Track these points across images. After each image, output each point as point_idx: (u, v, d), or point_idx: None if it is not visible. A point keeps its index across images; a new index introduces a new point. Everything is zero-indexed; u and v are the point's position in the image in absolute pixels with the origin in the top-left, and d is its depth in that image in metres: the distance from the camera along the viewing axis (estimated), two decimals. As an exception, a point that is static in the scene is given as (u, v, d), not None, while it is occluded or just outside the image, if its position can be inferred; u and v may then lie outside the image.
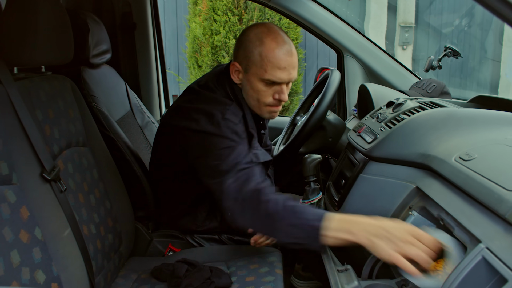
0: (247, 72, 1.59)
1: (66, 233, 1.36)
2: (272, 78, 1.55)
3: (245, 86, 1.62)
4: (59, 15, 1.55)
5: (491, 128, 1.36)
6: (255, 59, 1.55)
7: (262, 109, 1.65)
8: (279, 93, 1.59)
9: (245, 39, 1.59)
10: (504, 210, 0.92)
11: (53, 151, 1.45)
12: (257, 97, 1.61)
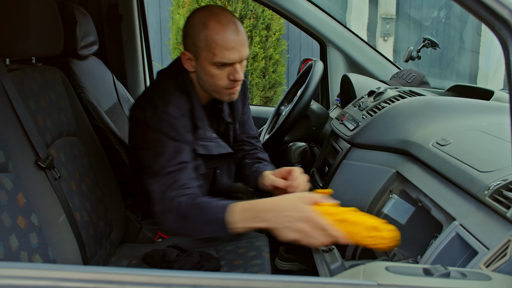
0: (198, 58, 1.55)
1: (61, 219, 1.40)
2: (223, 60, 1.50)
3: (199, 73, 1.59)
4: (49, 7, 1.58)
5: (466, 115, 1.44)
6: (202, 44, 1.51)
7: (220, 92, 1.61)
8: (233, 74, 1.54)
9: (190, 26, 1.55)
10: (476, 190, 0.99)
11: (46, 140, 1.48)
12: (212, 81, 1.57)
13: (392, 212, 1.30)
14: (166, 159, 1.52)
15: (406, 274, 0.75)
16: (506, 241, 0.84)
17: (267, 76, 5.14)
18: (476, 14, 0.73)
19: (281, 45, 5.22)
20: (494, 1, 0.70)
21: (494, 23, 0.72)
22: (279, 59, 5.22)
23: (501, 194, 0.93)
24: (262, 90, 5.13)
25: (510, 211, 0.87)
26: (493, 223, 0.92)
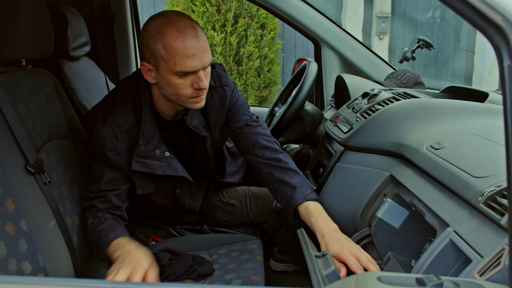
0: (158, 69, 1.45)
1: (51, 225, 1.39)
2: (184, 68, 1.42)
3: (161, 83, 1.49)
4: (39, 8, 1.56)
5: (460, 118, 1.42)
6: (161, 54, 1.41)
7: (185, 102, 1.52)
8: (197, 82, 1.46)
9: (147, 36, 1.44)
10: (470, 196, 0.98)
11: (36, 144, 1.46)
12: (176, 91, 1.48)
13: (386, 216, 1.29)
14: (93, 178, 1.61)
15: (399, 284, 0.73)
16: (500, 250, 0.82)
17: (262, 76, 5.12)
18: (470, 20, 0.71)
19: (276, 44, 5.21)
20: (488, 7, 0.69)
21: (487, 30, 0.70)
22: (274, 58, 5.20)
23: (495, 201, 0.92)
24: (257, 90, 5.11)
25: (504, 218, 0.86)
26: (487, 230, 0.90)
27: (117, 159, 1.58)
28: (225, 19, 4.93)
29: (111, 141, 1.55)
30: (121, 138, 1.56)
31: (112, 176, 1.60)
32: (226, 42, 4.94)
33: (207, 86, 1.51)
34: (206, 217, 1.97)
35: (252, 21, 4.99)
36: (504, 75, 0.70)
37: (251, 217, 2.01)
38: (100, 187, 1.59)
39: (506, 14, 0.69)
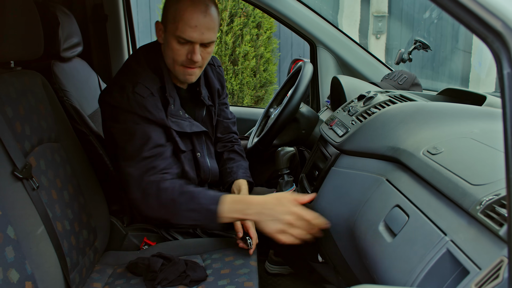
0: (165, 30, 1.61)
1: (39, 231, 1.35)
2: (183, 35, 1.55)
3: (164, 45, 1.64)
4: (27, 9, 1.53)
5: (458, 122, 1.40)
6: (170, 16, 1.56)
7: (176, 69, 1.65)
8: (191, 53, 1.58)
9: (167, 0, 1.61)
10: (467, 204, 0.95)
11: (25, 148, 1.43)
12: (172, 55, 1.61)
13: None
14: (141, 142, 1.58)
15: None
16: (499, 262, 0.80)
17: (258, 75, 5.09)
18: (468, 26, 0.69)
19: (272, 44, 5.18)
20: (487, 12, 0.66)
21: (487, 36, 0.68)
22: (270, 57, 5.17)
23: (493, 210, 0.89)
24: (253, 89, 5.09)
25: (502, 229, 0.83)
26: (485, 240, 0.88)
27: (160, 114, 1.63)
28: (221, 18, 4.90)
29: (150, 98, 1.61)
30: (156, 96, 1.64)
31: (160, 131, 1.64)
32: (221, 41, 4.91)
33: (198, 60, 1.61)
34: None
35: (248, 20, 4.96)
36: (504, 82, 0.67)
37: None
38: (156, 142, 1.60)
39: (506, 20, 0.66)
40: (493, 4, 0.66)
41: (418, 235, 1.08)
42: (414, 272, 0.99)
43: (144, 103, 1.60)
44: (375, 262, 1.20)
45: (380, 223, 1.25)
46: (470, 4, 0.67)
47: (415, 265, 1.01)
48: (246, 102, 5.05)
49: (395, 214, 1.21)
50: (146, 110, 1.60)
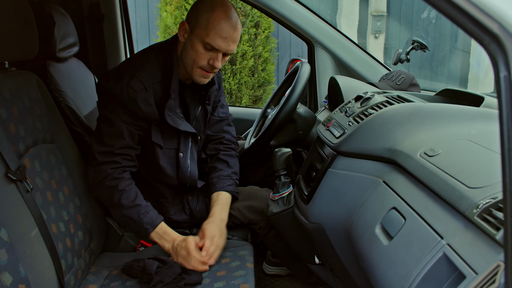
0: (192, 32, 1.70)
1: (33, 233, 1.34)
2: (212, 43, 1.67)
3: (187, 45, 1.73)
4: (22, 9, 1.52)
5: (455, 123, 1.39)
6: (202, 22, 1.67)
7: (194, 70, 1.75)
8: (213, 60, 1.71)
9: (200, 4, 1.71)
10: (464, 207, 0.94)
11: (19, 149, 1.42)
12: (194, 57, 1.71)
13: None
14: (117, 137, 1.71)
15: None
16: (496, 266, 0.79)
17: (256, 75, 5.08)
18: (465, 29, 0.67)
19: (270, 43, 5.16)
20: (484, 15, 0.65)
21: (483, 38, 0.67)
22: (268, 57, 5.15)
23: (490, 214, 0.88)
24: (251, 89, 5.07)
25: (499, 233, 0.82)
26: (482, 244, 0.87)
27: (148, 110, 1.72)
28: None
29: (142, 93, 1.70)
30: (150, 91, 1.73)
31: (134, 133, 1.74)
32: (220, 41, 4.89)
33: (219, 67, 1.76)
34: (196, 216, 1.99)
35: (246, 19, 4.95)
36: (500, 85, 0.66)
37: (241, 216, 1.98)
38: (127, 142, 1.73)
39: (503, 22, 0.65)
40: (490, 6, 0.65)
41: (415, 238, 1.07)
42: (410, 276, 0.98)
43: (135, 97, 1.69)
44: (372, 265, 1.20)
45: (377, 226, 1.24)
46: (466, 6, 0.66)
47: (411, 269, 1.00)
48: (244, 101, 5.03)
49: (392, 217, 1.20)
50: (135, 105, 1.70)
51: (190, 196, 1.98)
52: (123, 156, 1.75)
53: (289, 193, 1.83)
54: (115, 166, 1.73)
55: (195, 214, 1.96)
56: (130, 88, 1.69)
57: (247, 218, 1.99)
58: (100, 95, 1.78)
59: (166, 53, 1.79)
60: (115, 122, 1.71)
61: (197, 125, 1.96)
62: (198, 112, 1.95)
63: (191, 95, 1.92)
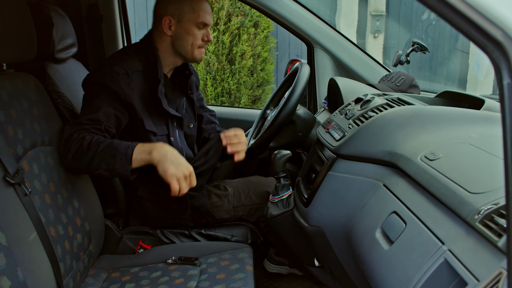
0: (181, 21, 1.86)
1: (32, 237, 1.34)
2: (205, 20, 1.87)
3: (180, 34, 1.88)
4: (19, 10, 1.51)
5: (456, 126, 1.38)
6: (187, 8, 1.85)
7: (194, 51, 1.91)
8: (207, 35, 1.91)
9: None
10: (465, 213, 0.94)
11: (17, 152, 1.41)
12: (192, 40, 1.88)
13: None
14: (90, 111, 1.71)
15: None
16: (497, 274, 0.78)
17: (255, 75, 5.06)
18: (467, 35, 0.67)
19: (269, 43, 5.14)
20: (487, 21, 0.64)
21: (486, 45, 0.66)
22: (268, 57, 5.14)
23: (492, 220, 0.87)
24: (250, 89, 5.05)
25: (501, 240, 0.81)
26: (484, 251, 0.86)
27: (129, 93, 1.78)
28: (218, 18, 4.87)
29: (124, 76, 1.78)
30: (132, 77, 1.80)
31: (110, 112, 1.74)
32: (218, 40, 4.88)
33: (212, 40, 1.98)
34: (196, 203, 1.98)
35: (245, 19, 4.94)
36: (504, 93, 0.66)
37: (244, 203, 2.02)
38: (98, 117, 1.71)
39: (506, 29, 0.65)
40: (493, 13, 0.65)
41: (415, 244, 1.07)
42: (411, 282, 0.97)
43: (118, 79, 1.76)
44: (372, 270, 1.19)
45: (377, 230, 1.23)
46: (469, 13, 0.65)
47: (412, 275, 0.99)
48: (243, 101, 5.02)
49: (392, 221, 1.20)
50: (118, 85, 1.76)
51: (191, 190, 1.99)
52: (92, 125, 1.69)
53: (289, 196, 1.82)
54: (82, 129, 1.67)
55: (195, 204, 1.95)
56: (113, 71, 1.77)
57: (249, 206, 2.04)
58: (85, 88, 1.84)
59: (145, 46, 1.91)
60: (94, 101, 1.74)
61: (187, 115, 2.08)
62: (184, 103, 2.07)
63: (172, 88, 2.02)
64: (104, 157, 1.62)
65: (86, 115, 1.70)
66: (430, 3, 0.67)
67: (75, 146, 1.62)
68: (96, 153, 1.62)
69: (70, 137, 1.64)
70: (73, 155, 1.63)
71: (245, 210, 2.04)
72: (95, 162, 1.63)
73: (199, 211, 1.95)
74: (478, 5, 0.65)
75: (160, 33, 1.89)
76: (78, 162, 1.64)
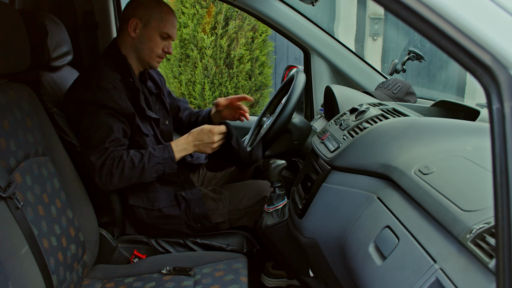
0: (147, 26, 1.90)
1: (23, 251, 1.33)
2: (169, 32, 1.92)
3: (142, 38, 1.91)
4: (12, 20, 1.50)
5: (450, 138, 1.37)
6: (156, 16, 1.89)
7: (152, 58, 1.95)
8: (167, 47, 1.95)
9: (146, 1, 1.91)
10: (458, 231, 0.93)
11: (9, 164, 1.40)
12: (152, 47, 1.92)
13: (373, 242, 1.24)
14: (104, 134, 1.77)
15: None
16: (489, 296, 0.78)
17: (253, 79, 5.05)
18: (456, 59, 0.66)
19: (267, 47, 5.13)
20: (476, 46, 0.64)
21: (475, 69, 0.65)
22: (266, 60, 5.13)
23: (483, 240, 0.87)
24: (248, 93, 5.05)
25: (492, 262, 0.81)
26: (475, 271, 0.85)
27: (125, 105, 1.83)
28: (216, 21, 4.86)
29: (113, 91, 1.81)
30: (118, 88, 1.84)
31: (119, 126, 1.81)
32: (216, 44, 4.87)
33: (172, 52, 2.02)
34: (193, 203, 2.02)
35: (243, 23, 4.93)
36: (493, 118, 0.65)
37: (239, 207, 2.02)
38: (115, 136, 1.78)
39: (495, 53, 0.64)
40: (482, 37, 0.64)
41: (408, 260, 1.06)
42: (403, 300, 0.97)
43: (111, 95, 1.79)
44: (365, 285, 1.18)
45: (370, 244, 1.22)
46: (458, 37, 0.64)
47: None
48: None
49: (386, 236, 1.19)
50: (113, 101, 1.79)
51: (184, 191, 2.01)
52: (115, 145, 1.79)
53: (284, 206, 1.81)
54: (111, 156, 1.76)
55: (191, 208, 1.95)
56: (102, 88, 1.79)
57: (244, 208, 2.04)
58: (75, 110, 1.83)
59: (113, 55, 1.93)
60: (99, 120, 1.77)
61: (161, 113, 2.12)
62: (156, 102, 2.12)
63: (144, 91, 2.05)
64: (152, 168, 1.80)
65: (105, 140, 1.76)
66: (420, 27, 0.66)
67: (119, 170, 1.75)
68: (144, 167, 1.79)
69: (104, 165, 1.74)
70: (119, 178, 1.76)
71: (240, 214, 2.04)
72: (146, 175, 1.81)
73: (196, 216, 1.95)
74: (467, 29, 0.64)
75: (124, 35, 1.93)
76: (128, 181, 1.79)
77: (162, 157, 1.82)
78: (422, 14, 0.65)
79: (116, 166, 1.74)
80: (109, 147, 1.76)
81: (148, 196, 1.93)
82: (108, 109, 1.78)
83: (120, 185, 1.78)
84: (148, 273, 1.78)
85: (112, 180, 1.75)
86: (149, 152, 1.81)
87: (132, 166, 1.76)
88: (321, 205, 1.53)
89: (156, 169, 1.81)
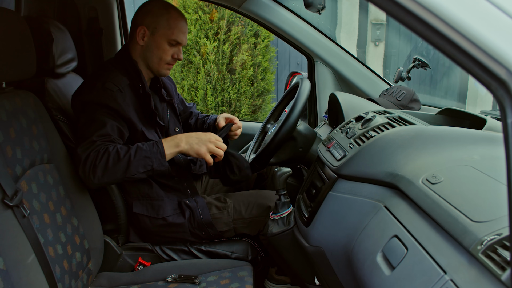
0: (154, 34, 1.89)
1: (30, 260, 1.32)
2: (177, 39, 1.90)
3: (150, 46, 1.91)
4: (19, 28, 1.50)
5: (457, 147, 1.37)
6: (163, 23, 1.87)
7: (161, 66, 1.94)
8: (177, 54, 1.94)
9: (153, 8, 1.90)
10: (468, 243, 0.93)
11: (16, 172, 1.40)
12: (161, 55, 1.91)
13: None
14: (96, 128, 1.74)
15: None
16: (501, 309, 0.77)
17: (255, 84, 5.06)
18: (471, 72, 0.66)
19: (269, 52, 5.14)
20: (491, 60, 0.64)
21: (490, 83, 0.65)
22: (268, 66, 5.13)
23: (495, 251, 0.86)
24: (251, 98, 5.05)
25: (505, 274, 0.80)
26: (487, 283, 0.85)
27: (127, 108, 1.82)
28: (218, 27, 4.87)
29: (118, 93, 1.81)
30: (124, 92, 1.84)
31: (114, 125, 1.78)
32: (219, 50, 4.87)
33: (182, 58, 1.99)
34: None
35: (246, 29, 4.93)
36: (508, 132, 0.65)
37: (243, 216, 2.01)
38: (106, 131, 1.75)
39: (511, 67, 0.64)
40: (497, 51, 0.64)
41: (417, 271, 1.05)
42: (413, 312, 0.96)
43: (114, 96, 1.79)
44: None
45: (378, 254, 1.22)
46: (473, 51, 0.64)
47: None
48: (243, 111, 5.01)
49: (394, 245, 1.19)
50: (116, 103, 1.79)
51: (187, 199, 2.00)
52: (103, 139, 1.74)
53: (289, 213, 1.81)
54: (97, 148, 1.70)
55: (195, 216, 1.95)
56: (107, 89, 1.79)
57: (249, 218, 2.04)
58: (78, 108, 1.83)
59: (123, 60, 1.94)
60: (96, 119, 1.76)
61: (171, 120, 2.12)
62: (167, 110, 2.12)
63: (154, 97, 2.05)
64: (139, 161, 1.72)
65: (94, 133, 1.72)
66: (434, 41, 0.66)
67: (103, 162, 1.67)
68: (130, 160, 1.70)
69: (88, 156, 1.68)
70: (103, 170, 1.68)
71: (244, 223, 2.04)
72: (132, 168, 1.71)
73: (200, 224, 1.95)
74: (482, 43, 0.64)
75: (134, 42, 1.93)
76: (112, 175, 1.70)
77: (150, 151, 1.74)
78: (437, 28, 0.65)
79: (100, 158, 1.67)
80: (97, 141, 1.71)
81: (152, 204, 1.93)
82: (108, 109, 1.78)
83: (104, 179, 1.69)
84: (153, 281, 1.78)
85: (95, 173, 1.66)
86: (136, 146, 1.75)
87: (118, 158, 1.69)
88: (328, 213, 1.52)
89: (143, 164, 1.72)
